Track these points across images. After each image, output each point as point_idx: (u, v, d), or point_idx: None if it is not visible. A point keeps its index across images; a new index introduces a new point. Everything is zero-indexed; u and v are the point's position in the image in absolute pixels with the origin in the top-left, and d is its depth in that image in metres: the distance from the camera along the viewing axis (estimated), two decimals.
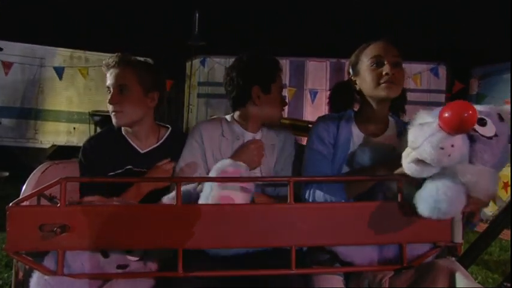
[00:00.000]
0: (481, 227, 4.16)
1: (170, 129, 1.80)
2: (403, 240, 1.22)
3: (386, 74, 1.44)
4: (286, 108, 1.88)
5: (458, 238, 1.21)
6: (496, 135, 1.15)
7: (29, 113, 8.39)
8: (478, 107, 1.15)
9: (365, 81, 1.50)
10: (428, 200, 1.12)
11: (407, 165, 1.17)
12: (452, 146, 1.08)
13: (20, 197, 1.20)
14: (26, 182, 1.60)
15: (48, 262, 1.20)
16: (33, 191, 1.19)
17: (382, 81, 1.45)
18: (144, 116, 1.69)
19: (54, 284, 1.19)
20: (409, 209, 1.20)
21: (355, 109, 1.63)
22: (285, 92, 8.50)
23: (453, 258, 1.37)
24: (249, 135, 1.70)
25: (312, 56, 9.08)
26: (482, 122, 1.15)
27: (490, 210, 4.55)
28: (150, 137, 1.73)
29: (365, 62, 1.50)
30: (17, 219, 1.10)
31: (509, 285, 1.40)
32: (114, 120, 1.65)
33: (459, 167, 1.13)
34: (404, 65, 1.51)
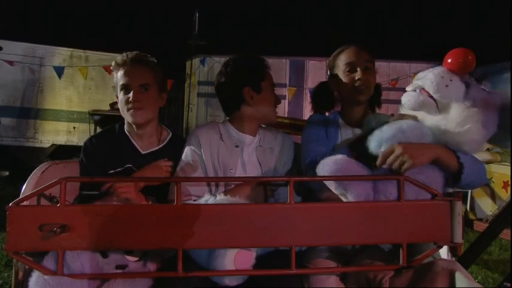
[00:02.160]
0: (481, 227, 4.17)
1: (171, 133, 1.81)
2: (403, 240, 1.21)
3: (359, 79, 1.62)
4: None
5: (458, 238, 1.21)
6: (490, 92, 1.33)
7: (29, 113, 8.37)
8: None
9: (341, 84, 1.68)
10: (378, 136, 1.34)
11: (407, 93, 1.38)
12: (451, 80, 1.31)
13: (20, 196, 1.20)
14: (26, 181, 1.60)
15: (48, 262, 1.20)
16: (33, 191, 1.19)
17: (355, 85, 1.63)
18: (155, 115, 1.73)
19: (53, 283, 1.19)
20: (409, 209, 1.20)
21: (338, 109, 1.80)
22: (285, 92, 8.51)
23: (453, 258, 1.37)
24: (247, 139, 1.70)
25: (312, 56, 9.08)
26: (479, 79, 1.36)
27: (490, 210, 4.55)
28: (152, 137, 1.74)
29: (340, 67, 1.68)
30: (17, 219, 1.09)
31: (509, 285, 1.40)
32: (132, 118, 1.64)
33: (451, 106, 1.31)
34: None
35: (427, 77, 1.34)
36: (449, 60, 1.32)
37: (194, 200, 1.45)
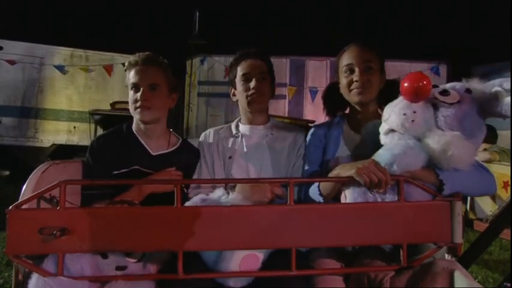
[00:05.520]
0: (481, 227, 4.17)
1: (181, 139, 1.84)
2: (403, 240, 1.22)
3: (356, 81, 1.56)
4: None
5: (458, 238, 1.21)
6: (458, 102, 1.26)
7: (29, 112, 8.36)
8: (446, 85, 1.33)
9: (341, 86, 1.64)
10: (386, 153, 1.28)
11: (382, 137, 1.35)
12: (415, 112, 1.26)
13: (20, 197, 1.20)
14: (26, 182, 1.59)
15: (48, 264, 1.20)
16: (33, 194, 1.18)
17: (352, 87, 1.58)
18: (164, 116, 1.76)
19: (53, 284, 1.19)
20: (409, 210, 1.20)
21: (347, 111, 1.74)
22: (286, 91, 8.52)
23: (453, 258, 1.37)
24: (253, 128, 1.79)
25: (312, 55, 9.07)
26: (445, 93, 1.29)
27: (490, 210, 4.55)
28: (161, 139, 1.75)
29: (341, 69, 1.62)
30: (17, 223, 1.09)
31: (509, 285, 1.40)
32: (139, 116, 1.68)
33: (427, 135, 1.26)
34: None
35: (391, 119, 1.31)
36: (404, 85, 1.27)
37: (206, 194, 1.44)
